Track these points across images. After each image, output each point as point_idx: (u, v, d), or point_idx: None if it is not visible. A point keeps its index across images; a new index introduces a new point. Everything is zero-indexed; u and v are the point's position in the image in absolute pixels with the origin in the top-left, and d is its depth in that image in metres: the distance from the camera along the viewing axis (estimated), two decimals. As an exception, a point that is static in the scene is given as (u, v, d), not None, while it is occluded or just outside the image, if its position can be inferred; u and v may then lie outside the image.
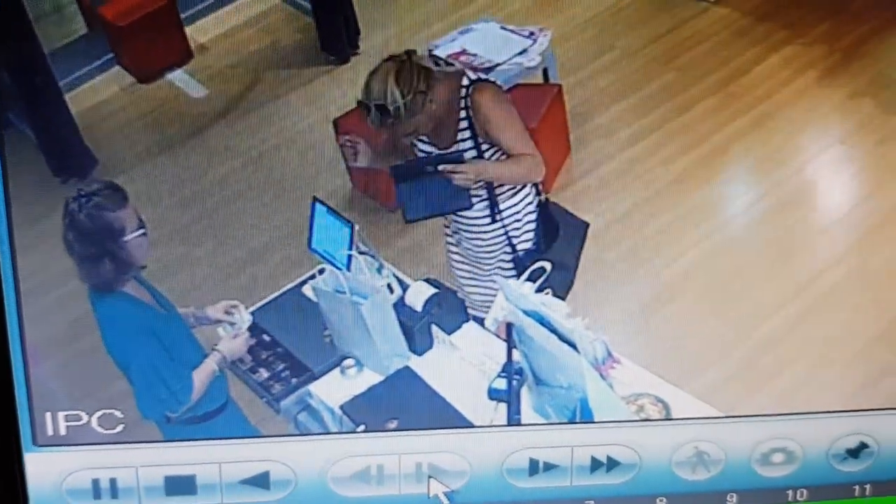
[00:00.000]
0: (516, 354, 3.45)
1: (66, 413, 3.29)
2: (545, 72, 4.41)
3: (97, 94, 4.73)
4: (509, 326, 3.42)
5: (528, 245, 3.81)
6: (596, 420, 3.38)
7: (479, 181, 3.67)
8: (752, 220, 4.10)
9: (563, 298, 3.62)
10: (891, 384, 3.69)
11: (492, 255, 3.85)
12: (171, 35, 4.86)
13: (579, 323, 3.40)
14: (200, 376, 3.56)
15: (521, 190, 3.75)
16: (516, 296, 3.49)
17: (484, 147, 3.60)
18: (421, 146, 3.67)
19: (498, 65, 4.27)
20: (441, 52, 4.31)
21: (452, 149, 3.60)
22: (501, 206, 3.77)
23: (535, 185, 3.78)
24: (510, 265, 3.85)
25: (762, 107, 4.43)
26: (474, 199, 3.70)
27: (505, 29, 4.42)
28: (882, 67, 4.59)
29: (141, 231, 3.36)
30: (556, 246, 3.80)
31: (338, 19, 4.93)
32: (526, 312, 3.41)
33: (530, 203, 3.78)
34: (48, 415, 3.27)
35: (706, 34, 4.70)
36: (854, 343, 3.79)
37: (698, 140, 4.32)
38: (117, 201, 3.37)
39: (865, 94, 4.46)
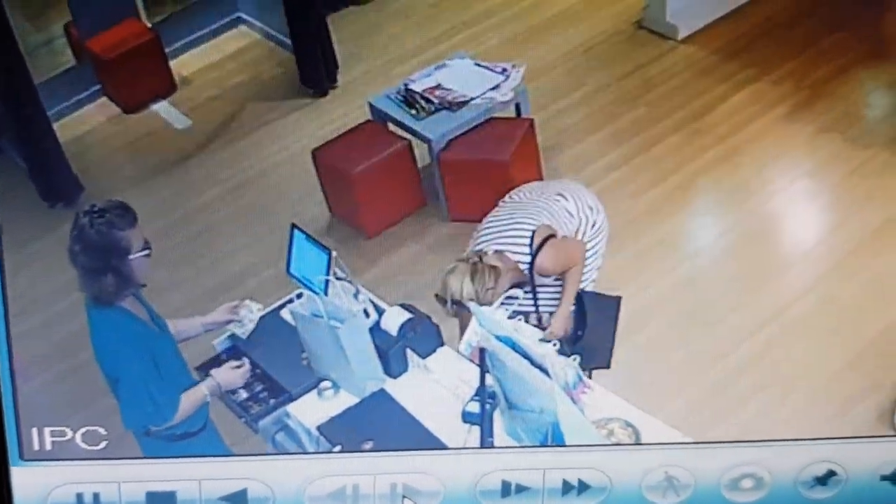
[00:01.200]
0: (489, 379, 3.47)
1: (51, 429, 3.34)
2: (517, 106, 4.52)
3: (84, 123, 4.84)
4: (482, 351, 3.43)
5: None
6: (567, 444, 3.39)
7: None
8: (722, 251, 4.21)
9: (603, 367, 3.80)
10: (860, 413, 3.73)
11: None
12: (156, 68, 5.01)
13: (551, 349, 3.46)
14: (190, 399, 3.60)
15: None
16: (490, 322, 3.54)
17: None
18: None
19: (472, 99, 4.41)
20: (417, 87, 4.49)
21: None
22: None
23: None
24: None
25: (730, 141, 4.54)
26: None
27: (479, 65, 4.56)
28: (849, 104, 4.73)
29: (146, 251, 3.41)
30: (588, 330, 3.91)
31: (317, 54, 5.03)
32: (499, 338, 3.43)
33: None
34: (34, 430, 3.32)
35: (674, 71, 4.85)
36: (823, 372, 3.85)
37: (667, 173, 4.41)
38: (127, 221, 3.41)
39: (833, 129, 4.58)
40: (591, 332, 3.88)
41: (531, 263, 3.75)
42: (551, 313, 3.84)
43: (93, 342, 3.45)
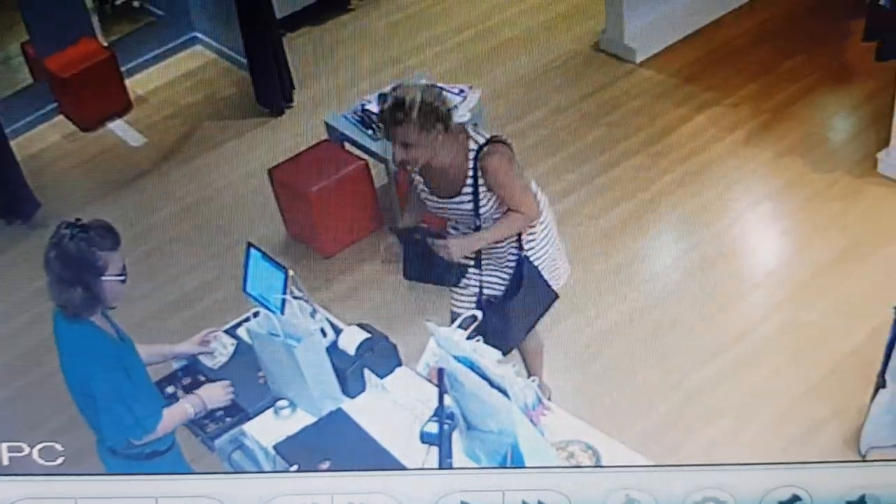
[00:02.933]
0: (448, 399, 3.41)
1: (8, 444, 3.33)
2: (474, 127, 4.54)
3: (41, 141, 4.92)
4: (441, 371, 3.38)
5: (496, 291, 3.92)
6: (527, 465, 3.35)
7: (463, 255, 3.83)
8: (683, 274, 4.21)
9: (504, 349, 3.72)
10: (824, 438, 3.74)
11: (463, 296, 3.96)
12: (112, 87, 5.12)
13: (510, 369, 3.45)
14: (173, 415, 3.58)
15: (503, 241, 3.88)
16: (448, 342, 3.54)
17: (482, 202, 3.72)
18: (426, 195, 3.79)
19: (429, 119, 4.47)
20: (373, 108, 4.47)
21: (455, 199, 3.79)
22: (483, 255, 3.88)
23: (519, 240, 3.88)
24: (473, 304, 3.94)
25: (690, 164, 4.58)
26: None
27: (435, 86, 4.63)
28: (811, 127, 4.77)
29: (121, 277, 3.38)
30: (517, 301, 3.88)
31: (273, 74, 5.11)
32: (457, 358, 3.38)
33: (511, 255, 3.89)
34: None
35: (633, 94, 4.92)
36: (787, 396, 3.85)
37: (627, 195, 4.44)
38: (109, 244, 3.38)
39: (794, 152, 4.63)
40: (517, 303, 3.85)
41: (480, 150, 3.64)
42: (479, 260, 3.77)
43: (61, 359, 3.37)
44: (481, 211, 3.56)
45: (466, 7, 4.81)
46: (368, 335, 3.65)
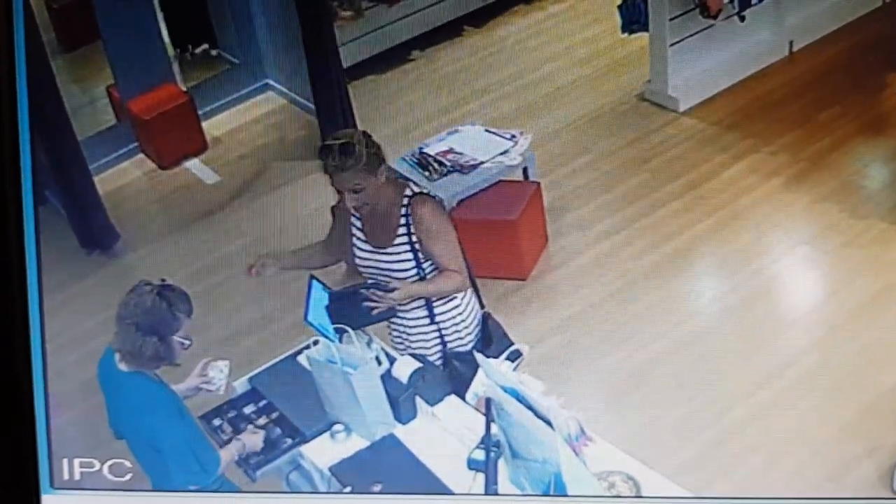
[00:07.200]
0: (494, 428, 3.50)
1: (80, 460, 3.51)
2: (525, 170, 4.73)
3: (122, 177, 5.11)
4: (488, 401, 3.48)
5: (461, 347, 3.96)
6: (569, 494, 3.41)
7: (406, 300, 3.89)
8: (721, 313, 4.28)
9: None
10: (858, 474, 3.78)
11: (427, 349, 4.04)
12: (190, 128, 5.26)
13: (554, 401, 3.47)
14: (224, 458, 3.67)
15: (454, 299, 3.92)
16: (495, 373, 3.60)
17: (420, 256, 3.80)
18: (359, 244, 3.83)
19: (482, 163, 4.63)
20: (430, 151, 4.70)
21: (388, 250, 3.76)
22: (436, 312, 4.03)
23: (478, 296, 3.97)
24: (440, 359, 3.99)
25: (730, 208, 4.67)
26: (413, 306, 3.90)
27: (489, 131, 4.76)
28: (847, 175, 4.83)
29: (188, 341, 3.51)
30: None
31: (338, 119, 5.21)
32: (504, 389, 3.48)
33: (468, 311, 3.95)
34: (65, 461, 3.49)
35: (675, 141, 5.00)
36: (821, 432, 3.89)
37: (668, 237, 4.55)
38: (184, 309, 3.52)
39: (831, 199, 4.69)
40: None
41: (413, 197, 3.74)
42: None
43: (117, 407, 3.55)
44: (420, 257, 3.72)
45: (518, 58, 4.89)
46: (420, 364, 3.75)
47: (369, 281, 3.74)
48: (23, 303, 3.43)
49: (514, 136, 4.65)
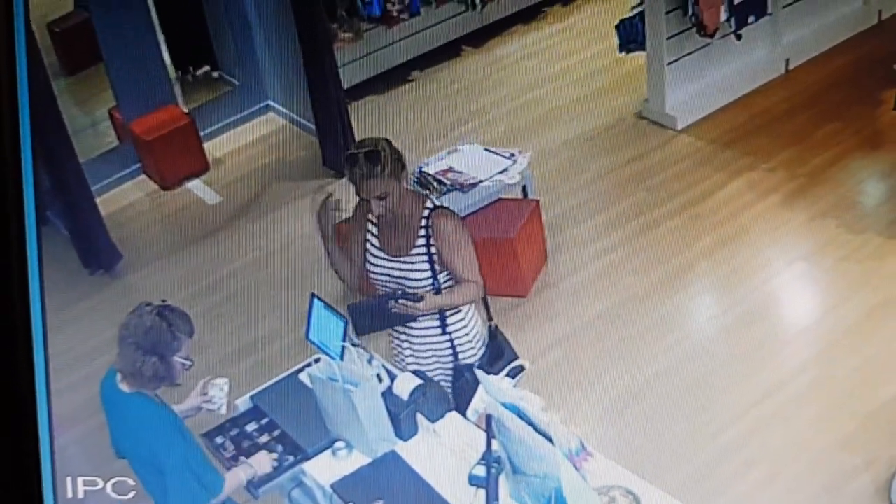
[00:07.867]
0: (495, 444, 3.47)
1: (84, 478, 3.46)
2: (524, 188, 4.73)
3: (124, 198, 5.20)
4: (489, 417, 3.46)
5: (471, 359, 3.92)
6: None
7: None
8: (719, 330, 4.30)
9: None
10: (855, 487, 3.80)
11: (437, 360, 4.02)
12: (191, 149, 5.38)
13: (555, 417, 3.43)
14: (231, 481, 3.70)
15: (459, 311, 3.84)
16: (495, 390, 3.61)
17: (437, 267, 3.74)
18: (374, 251, 3.77)
19: (481, 181, 4.62)
20: (430, 170, 4.72)
21: (404, 259, 3.72)
22: (448, 322, 3.97)
23: (487, 309, 3.95)
24: (449, 371, 4.07)
25: (728, 226, 4.71)
26: (426, 317, 3.96)
27: (488, 150, 4.79)
28: (844, 191, 4.87)
29: (189, 362, 3.50)
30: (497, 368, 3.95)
31: (338, 139, 5.29)
32: (505, 405, 3.45)
33: (472, 323, 3.89)
34: (69, 479, 3.46)
35: (673, 159, 5.07)
36: (819, 447, 3.91)
37: (667, 254, 4.57)
38: (185, 330, 3.48)
39: (827, 215, 4.73)
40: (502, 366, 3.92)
41: (434, 210, 3.69)
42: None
43: (119, 428, 3.52)
44: (437, 268, 3.67)
45: (517, 78, 4.93)
46: (421, 382, 3.73)
47: (381, 290, 3.75)
48: (26, 322, 3.43)
49: (513, 155, 4.67)
